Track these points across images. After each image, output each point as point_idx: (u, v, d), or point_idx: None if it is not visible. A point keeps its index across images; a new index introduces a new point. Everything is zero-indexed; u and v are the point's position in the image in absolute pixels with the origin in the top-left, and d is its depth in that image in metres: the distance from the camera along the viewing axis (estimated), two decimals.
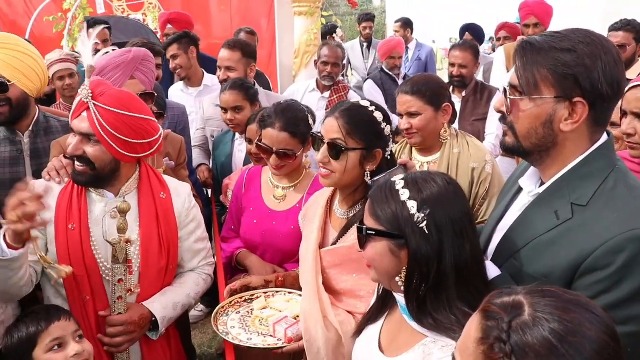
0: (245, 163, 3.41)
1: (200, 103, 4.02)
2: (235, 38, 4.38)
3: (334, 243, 2.08)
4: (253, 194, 2.70)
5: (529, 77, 1.43)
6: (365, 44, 7.65)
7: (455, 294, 1.39)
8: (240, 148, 3.54)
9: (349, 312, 2.03)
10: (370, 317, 1.67)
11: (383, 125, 2.00)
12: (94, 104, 1.93)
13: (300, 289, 2.29)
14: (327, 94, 4.75)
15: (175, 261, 2.25)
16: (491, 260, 1.62)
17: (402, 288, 1.45)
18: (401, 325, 1.51)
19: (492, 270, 1.55)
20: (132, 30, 4.97)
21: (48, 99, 4.38)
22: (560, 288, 1.05)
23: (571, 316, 0.95)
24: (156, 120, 2.16)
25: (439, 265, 1.38)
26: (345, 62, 5.44)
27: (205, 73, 4.49)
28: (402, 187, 1.43)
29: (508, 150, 1.57)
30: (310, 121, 2.59)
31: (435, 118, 2.68)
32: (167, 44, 4.30)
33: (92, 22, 5.28)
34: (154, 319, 2.11)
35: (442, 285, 1.39)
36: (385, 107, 5.26)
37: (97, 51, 2.24)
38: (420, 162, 2.76)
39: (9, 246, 1.79)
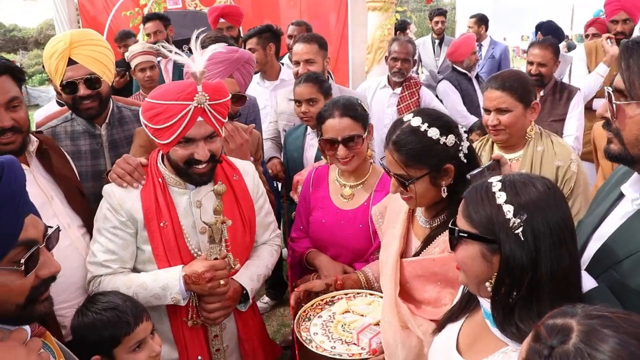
0: (317, 158, 3.40)
1: (275, 96, 4.03)
2: (309, 33, 4.37)
3: (417, 253, 2.00)
4: (321, 193, 2.70)
5: (635, 80, 1.34)
6: (437, 41, 7.51)
7: (548, 305, 1.29)
8: (311, 143, 3.53)
9: (431, 320, 1.95)
10: (451, 315, 1.63)
11: (442, 140, 1.83)
12: (209, 104, 1.98)
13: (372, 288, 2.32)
14: (398, 90, 4.69)
15: (254, 236, 2.38)
16: (586, 270, 1.54)
17: (490, 294, 1.39)
18: (482, 329, 1.46)
19: (587, 282, 1.47)
20: (206, 25, 5.03)
21: None
22: (625, 314, 0.95)
23: (624, 353, 0.86)
24: None
25: (533, 274, 1.31)
26: (416, 58, 5.33)
27: (282, 67, 4.48)
28: (499, 190, 1.36)
29: (613, 159, 1.48)
30: (365, 106, 2.60)
31: (524, 115, 2.62)
32: (248, 36, 4.31)
33: (145, 19, 5.43)
34: (244, 291, 2.25)
35: (535, 295, 1.32)
36: (462, 108, 5.14)
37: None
38: (507, 160, 2.68)
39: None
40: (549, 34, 5.56)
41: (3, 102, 1.98)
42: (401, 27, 7.30)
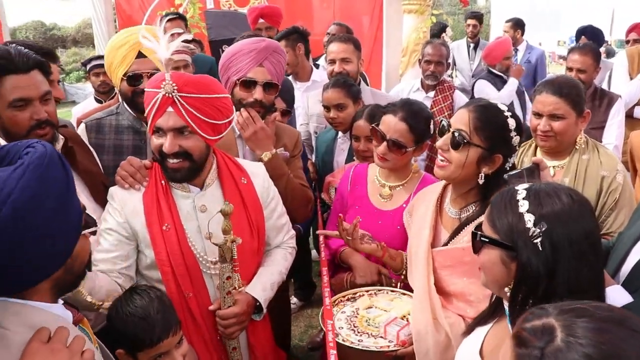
0: (347, 162, 3.38)
1: (306, 98, 4.03)
2: (345, 33, 4.35)
3: (446, 244, 2.05)
4: (359, 191, 2.67)
5: None
6: (471, 45, 7.41)
7: None
8: (342, 147, 3.52)
9: (459, 315, 1.99)
10: (481, 319, 1.64)
11: (513, 134, 1.95)
12: (179, 95, 1.91)
13: (399, 267, 2.31)
14: (431, 93, 4.64)
15: (264, 241, 2.32)
16: (624, 283, 1.49)
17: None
18: (505, 334, 1.46)
19: (622, 297, 1.45)
20: (246, 25, 5.04)
21: None
22: (594, 303, 0.99)
23: (606, 337, 0.90)
24: (229, 97, 2.16)
25: (548, 283, 1.32)
26: (450, 61, 5.27)
27: (317, 69, 4.47)
28: (523, 198, 1.39)
29: None
30: (431, 126, 2.53)
31: (576, 123, 2.58)
32: (276, 39, 4.33)
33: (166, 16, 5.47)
34: (258, 303, 2.18)
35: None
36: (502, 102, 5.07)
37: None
38: (547, 165, 2.64)
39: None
40: (593, 39, 5.45)
41: (38, 95, 2.02)
42: (439, 30, 7.23)
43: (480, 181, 1.96)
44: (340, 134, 3.50)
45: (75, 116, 4.50)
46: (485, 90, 5.20)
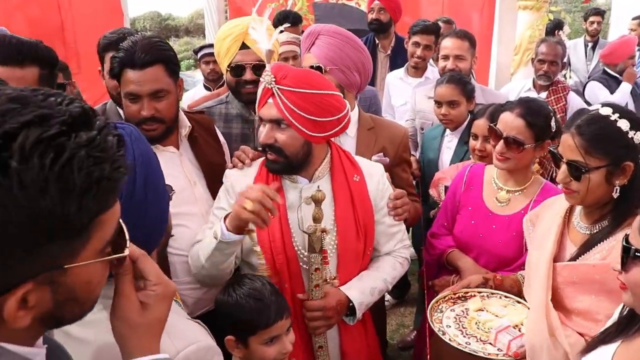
0: (452, 162, 3.28)
1: (414, 93, 3.96)
2: (461, 29, 4.23)
3: (573, 259, 1.91)
4: (474, 192, 2.56)
5: None
6: (590, 44, 6.96)
7: None
8: (448, 145, 3.42)
9: (580, 333, 1.85)
10: (606, 337, 1.50)
11: (631, 134, 1.77)
12: (278, 88, 1.89)
13: (516, 294, 2.16)
14: (543, 94, 4.40)
15: (372, 245, 2.20)
16: None
17: None
18: None
19: None
20: (356, 18, 5.03)
21: None
22: None
23: None
24: (341, 95, 2.06)
25: None
26: (565, 61, 5.00)
27: (429, 65, 4.40)
28: None
29: None
30: (553, 124, 2.38)
31: None
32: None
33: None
34: (351, 304, 2.08)
35: None
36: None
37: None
38: None
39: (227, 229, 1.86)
40: None
41: (147, 92, 2.06)
42: (555, 27, 6.85)
43: (616, 195, 1.81)
44: (447, 131, 3.41)
45: (186, 103, 4.69)
46: (596, 92, 4.90)
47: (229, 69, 2.62)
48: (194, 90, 5.59)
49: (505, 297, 2.19)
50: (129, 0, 7.56)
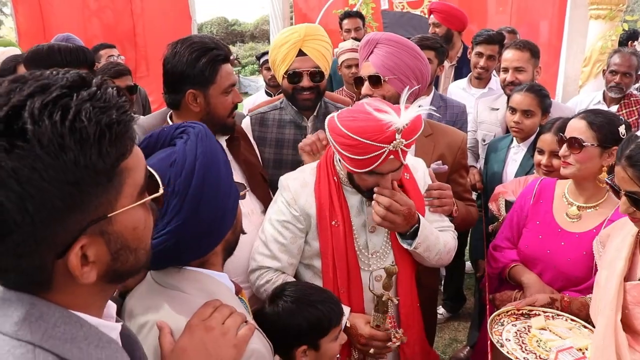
0: (517, 174, 3.20)
1: (477, 104, 3.90)
2: (523, 39, 4.13)
3: None
4: (543, 206, 2.47)
5: None
6: None
7: None
8: (514, 157, 3.33)
9: None
10: None
11: None
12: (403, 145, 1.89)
13: (583, 319, 2.09)
14: (614, 107, 4.24)
15: None
16: None
17: None
18: None
19: None
20: (424, 26, 5.00)
21: None
22: None
23: None
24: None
25: None
26: (639, 73, 4.79)
27: (493, 75, 4.32)
28: None
29: None
30: (622, 130, 2.28)
31: None
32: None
33: (345, 15, 5.55)
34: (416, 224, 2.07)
35: None
36: None
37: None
38: None
39: None
40: None
41: (230, 85, 2.20)
42: (629, 37, 6.54)
43: None
44: (515, 142, 3.33)
45: (247, 107, 4.79)
46: None
47: (285, 76, 2.66)
48: (256, 95, 5.70)
49: (572, 320, 2.12)
50: (197, 6, 7.81)
